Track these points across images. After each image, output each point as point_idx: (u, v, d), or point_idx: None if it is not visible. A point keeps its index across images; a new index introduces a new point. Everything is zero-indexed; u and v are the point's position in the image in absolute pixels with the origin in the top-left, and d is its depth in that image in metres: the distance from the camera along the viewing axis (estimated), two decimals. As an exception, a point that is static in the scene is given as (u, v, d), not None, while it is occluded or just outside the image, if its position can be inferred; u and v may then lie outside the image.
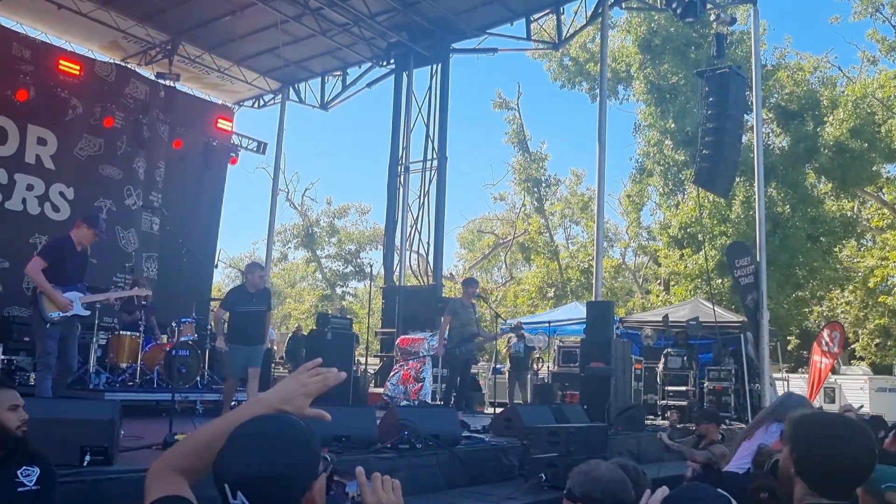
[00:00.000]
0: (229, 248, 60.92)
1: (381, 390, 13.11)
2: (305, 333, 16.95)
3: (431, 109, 16.47)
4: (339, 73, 18.54)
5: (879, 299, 26.49)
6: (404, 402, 12.05)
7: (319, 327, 12.38)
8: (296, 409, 1.72)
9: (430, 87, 16.53)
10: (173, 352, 9.22)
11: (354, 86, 18.58)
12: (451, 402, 10.69)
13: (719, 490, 1.90)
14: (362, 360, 15.09)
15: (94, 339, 9.20)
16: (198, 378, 9.70)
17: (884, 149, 25.56)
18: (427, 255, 16.59)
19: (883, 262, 26.72)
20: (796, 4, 49.95)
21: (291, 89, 18.95)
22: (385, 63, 17.23)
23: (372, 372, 15.47)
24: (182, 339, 9.60)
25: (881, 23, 27.54)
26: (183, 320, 9.95)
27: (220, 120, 16.11)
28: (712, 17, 14.87)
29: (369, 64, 17.63)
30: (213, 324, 10.35)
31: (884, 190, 28.29)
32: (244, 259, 45.86)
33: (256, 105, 19.44)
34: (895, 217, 27.70)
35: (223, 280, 41.70)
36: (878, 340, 27.45)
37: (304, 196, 42.90)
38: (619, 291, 36.37)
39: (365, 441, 6.16)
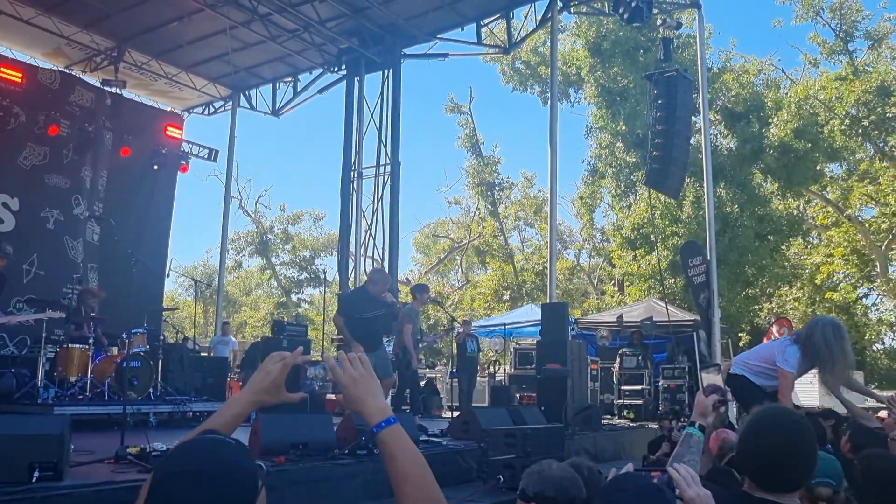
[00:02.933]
0: (182, 256, 60.20)
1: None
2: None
3: (384, 115, 16.45)
4: (290, 79, 18.44)
5: (826, 295, 27.16)
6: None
7: (275, 335, 12.28)
8: (272, 398, 1.83)
9: (381, 93, 16.50)
10: (124, 363, 9.04)
11: (306, 92, 18.51)
12: (407, 407, 10.69)
13: (655, 481, 1.94)
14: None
15: (42, 352, 8.97)
16: (151, 390, 9.51)
17: (826, 149, 26.26)
18: (382, 260, 16.54)
19: (828, 259, 27.44)
20: (740, 8, 51.14)
21: (242, 96, 18.79)
22: (336, 69, 17.16)
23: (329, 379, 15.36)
24: (133, 350, 9.42)
25: (821, 26, 28.34)
26: (134, 331, 9.74)
27: (169, 127, 15.89)
28: (658, 22, 15.11)
29: (320, 70, 17.56)
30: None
31: (828, 189, 29.03)
32: (197, 268, 45.31)
33: (206, 112, 19.22)
34: (839, 215, 28.45)
35: (176, 289, 41.08)
36: (824, 335, 28.05)
37: (257, 203, 42.58)
38: (574, 293, 36.71)
39: (322, 448, 6.12)
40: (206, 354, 14.63)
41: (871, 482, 3.20)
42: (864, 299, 29.47)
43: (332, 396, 13.91)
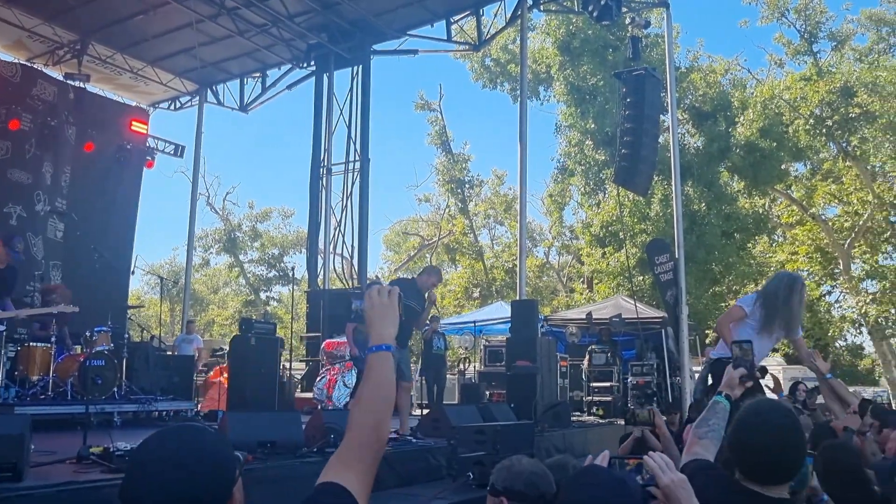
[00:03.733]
0: (148, 254, 59.45)
1: (308, 395, 12.92)
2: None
3: (353, 111, 16.34)
4: (258, 74, 18.25)
5: (790, 292, 27.49)
6: (330, 407, 11.89)
7: (243, 333, 12.13)
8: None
9: (351, 89, 16.40)
10: (87, 362, 8.88)
11: (274, 87, 18.34)
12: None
13: (620, 475, 1.96)
14: (287, 364, 14.85)
15: (3, 351, 8.79)
16: (115, 389, 9.36)
17: (791, 148, 26.64)
18: (351, 257, 16.46)
19: (793, 257, 27.86)
20: (707, 8, 51.70)
21: (209, 91, 18.56)
22: (305, 65, 17.02)
23: (298, 377, 15.26)
24: (97, 348, 9.25)
25: (787, 27, 28.75)
26: (97, 329, 9.58)
27: (134, 122, 15.67)
28: (627, 21, 15.20)
29: (289, 65, 17.40)
30: None
31: (792, 188, 29.48)
32: (164, 265, 44.72)
33: (173, 107, 18.96)
34: (803, 214, 28.87)
35: (142, 287, 40.55)
36: (789, 332, 28.48)
37: (225, 200, 42.11)
38: (543, 290, 36.88)
39: (291, 446, 6.05)
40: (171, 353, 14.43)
41: (831, 473, 3.28)
42: (827, 297, 29.98)
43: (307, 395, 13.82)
